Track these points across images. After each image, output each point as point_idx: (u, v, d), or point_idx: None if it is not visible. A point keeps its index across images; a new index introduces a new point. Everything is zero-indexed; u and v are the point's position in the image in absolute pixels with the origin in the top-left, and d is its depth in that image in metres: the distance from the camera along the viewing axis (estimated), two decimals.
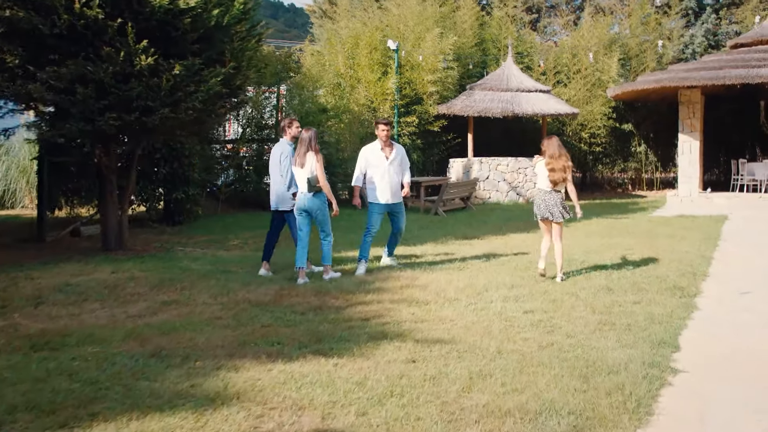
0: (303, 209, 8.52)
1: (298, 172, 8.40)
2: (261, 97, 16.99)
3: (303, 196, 8.44)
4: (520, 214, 16.57)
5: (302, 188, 8.40)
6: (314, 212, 8.54)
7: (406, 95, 19.33)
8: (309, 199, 8.41)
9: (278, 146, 9.02)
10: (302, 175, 8.35)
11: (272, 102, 17.81)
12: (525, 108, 18.83)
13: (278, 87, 17.91)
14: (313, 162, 8.30)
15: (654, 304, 7.25)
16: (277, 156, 8.89)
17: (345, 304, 7.23)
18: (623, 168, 23.65)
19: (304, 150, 8.33)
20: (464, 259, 10.02)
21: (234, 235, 13.12)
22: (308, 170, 8.31)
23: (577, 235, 12.72)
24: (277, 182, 8.93)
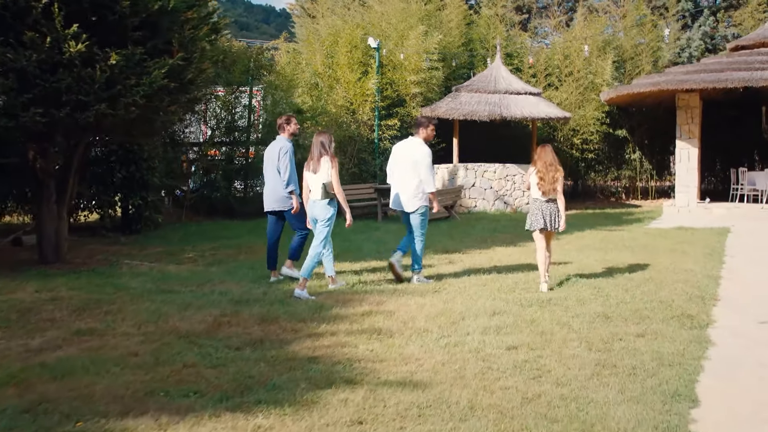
0: (314, 218, 7.98)
1: (311, 177, 7.87)
2: (231, 96, 15.75)
3: (314, 203, 7.89)
4: (507, 224, 15.42)
5: (315, 195, 7.84)
6: (322, 220, 7.91)
7: (388, 97, 18.19)
8: (323, 206, 7.85)
9: (276, 142, 8.56)
10: (316, 181, 7.79)
11: (244, 102, 16.59)
12: (514, 111, 17.70)
13: (250, 86, 16.72)
14: (328, 167, 7.77)
15: (661, 338, 6.08)
16: (276, 151, 8.43)
17: (292, 336, 6.04)
18: (617, 176, 22.55)
19: (318, 154, 7.81)
20: (441, 277, 8.85)
21: (192, 246, 11.91)
22: (323, 176, 7.76)
23: (569, 249, 11.57)
24: (273, 180, 8.48)
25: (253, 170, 16.47)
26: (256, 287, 8.14)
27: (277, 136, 8.77)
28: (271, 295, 7.71)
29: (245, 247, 11.65)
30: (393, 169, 8.67)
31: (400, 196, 8.54)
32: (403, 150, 8.61)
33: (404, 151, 8.57)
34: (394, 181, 8.65)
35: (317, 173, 7.80)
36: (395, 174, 8.62)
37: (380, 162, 18.12)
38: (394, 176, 8.65)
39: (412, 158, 8.42)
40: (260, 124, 17.12)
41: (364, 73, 18.03)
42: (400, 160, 8.55)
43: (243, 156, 16.48)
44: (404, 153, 8.56)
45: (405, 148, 8.62)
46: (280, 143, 8.51)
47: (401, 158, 8.55)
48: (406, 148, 8.59)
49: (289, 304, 7.24)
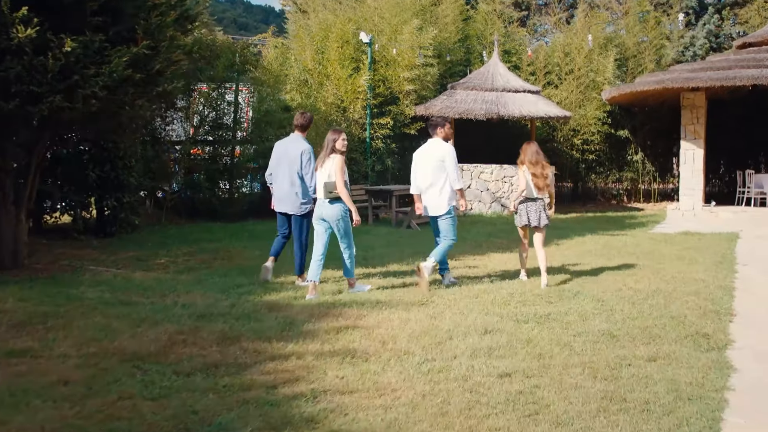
0: (320, 217, 7.69)
1: (318, 175, 7.67)
2: (213, 93, 14.96)
3: (320, 202, 7.67)
4: (503, 228, 14.65)
5: (319, 194, 7.65)
6: (333, 221, 7.64)
7: (380, 94, 17.41)
8: (326, 206, 7.59)
9: (296, 143, 8.17)
10: (320, 179, 7.59)
11: (229, 99, 15.81)
12: (511, 110, 16.94)
13: (236, 83, 15.93)
14: (332, 166, 7.50)
15: (675, 363, 5.33)
16: (297, 153, 8.05)
17: (253, 359, 5.27)
18: (618, 178, 21.77)
19: (328, 152, 7.56)
20: (430, 287, 8.07)
21: (167, 251, 11.12)
22: (326, 174, 7.52)
23: (569, 256, 10.81)
24: (288, 181, 8.12)
25: (239, 170, 15.70)
26: (223, 299, 7.37)
27: (292, 134, 8.35)
28: (239, 308, 6.93)
29: (223, 252, 10.89)
30: (417, 175, 8.38)
31: (428, 200, 8.29)
32: (426, 153, 8.33)
33: (427, 153, 8.29)
34: (420, 186, 8.35)
35: (322, 172, 7.55)
36: (419, 179, 8.34)
37: (371, 162, 17.35)
38: (419, 182, 8.36)
39: (437, 158, 8.15)
40: (250, 122, 16.32)
41: (356, 70, 17.26)
42: (424, 164, 8.26)
43: (228, 155, 15.67)
44: (428, 155, 8.27)
45: (427, 150, 8.34)
46: (301, 145, 8.11)
47: (425, 161, 8.27)
48: (429, 150, 8.31)
49: (257, 319, 6.47)
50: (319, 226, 7.74)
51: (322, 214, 7.66)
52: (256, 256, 10.57)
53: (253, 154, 16.10)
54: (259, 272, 8.54)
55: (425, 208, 8.34)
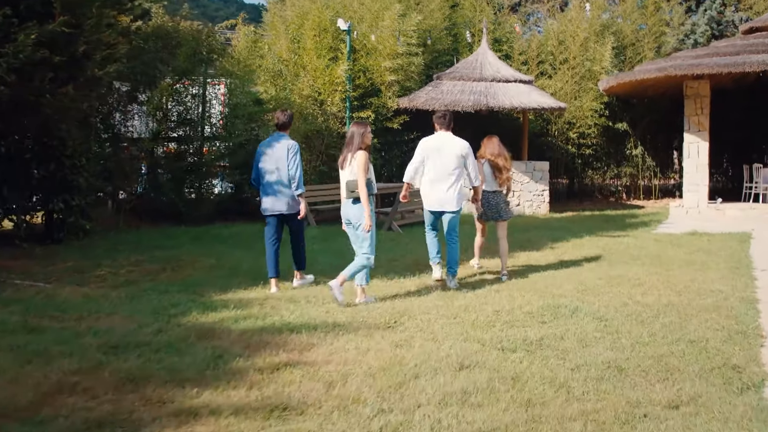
0: (346, 219, 7.16)
1: (341, 174, 7.13)
2: (176, 85, 13.68)
3: (344, 203, 7.13)
4: (492, 229, 13.40)
5: (342, 193, 7.12)
6: (357, 222, 7.03)
7: (360, 85, 16.16)
8: (350, 206, 7.04)
9: (281, 140, 7.85)
10: (342, 178, 7.08)
11: (195, 92, 14.56)
12: (502, 101, 15.71)
13: (204, 75, 14.68)
14: (354, 162, 6.93)
15: (704, 412, 4.12)
16: (284, 149, 7.75)
17: (152, 415, 4.02)
18: (617, 173, 20.53)
19: (355, 148, 6.98)
20: (402, 302, 6.84)
21: (113, 260, 9.85)
22: (349, 172, 6.99)
23: (566, 262, 9.60)
24: (279, 180, 7.80)
25: (206, 169, 14.44)
26: (150, 323, 6.12)
27: (276, 133, 8.03)
28: (164, 335, 5.68)
29: (174, 262, 9.64)
30: (428, 166, 7.89)
31: (436, 194, 7.89)
32: (442, 145, 7.84)
33: (444, 146, 7.84)
34: (429, 180, 7.91)
35: (348, 170, 7.00)
36: (431, 172, 7.87)
37: None
38: (428, 175, 7.90)
39: (456, 153, 7.81)
40: (224, 118, 15.06)
41: (334, 60, 16.01)
42: (440, 156, 7.80)
43: (194, 154, 14.41)
44: (445, 148, 7.83)
45: (444, 142, 7.88)
46: (287, 141, 7.83)
47: (440, 154, 7.80)
48: (446, 142, 7.88)
49: (180, 352, 5.22)
50: (349, 228, 7.17)
51: (347, 215, 7.11)
52: (209, 265, 9.37)
53: (223, 152, 14.87)
54: None
55: (437, 202, 7.93)
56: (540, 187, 16.57)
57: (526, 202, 16.49)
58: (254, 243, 11.40)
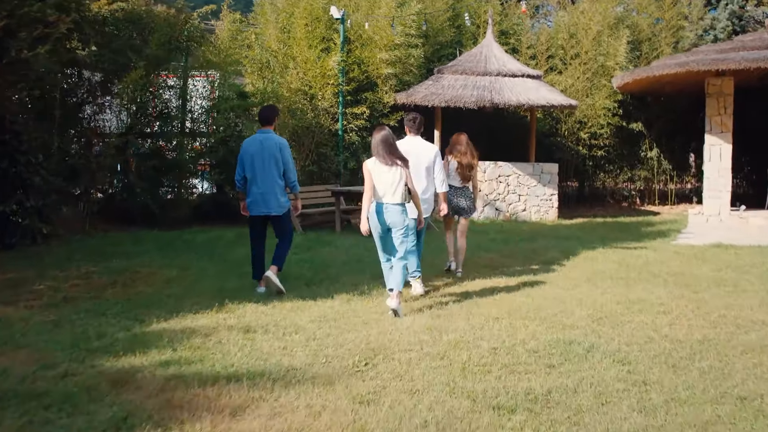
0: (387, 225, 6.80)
1: (380, 176, 6.72)
2: (150, 76, 12.42)
3: (386, 207, 6.73)
4: (497, 238, 12.17)
5: (396, 199, 6.70)
6: (404, 226, 6.76)
7: (355, 79, 14.90)
8: (402, 211, 6.74)
9: (269, 136, 7.53)
10: (385, 181, 6.70)
11: (172, 83, 13.34)
12: (508, 97, 14.43)
13: (185, 66, 13.47)
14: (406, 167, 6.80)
15: None
16: (275, 146, 7.46)
17: None
18: (630, 177, 19.20)
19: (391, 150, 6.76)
20: (380, 333, 5.62)
21: (61, 270, 8.66)
22: (401, 176, 6.71)
23: (576, 280, 8.34)
24: (270, 180, 7.46)
25: (183, 168, 13.22)
26: (59, 362, 4.90)
27: (260, 129, 7.65)
28: (68, 383, 4.47)
29: (129, 275, 8.44)
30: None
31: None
32: (410, 150, 7.45)
33: (417, 151, 7.64)
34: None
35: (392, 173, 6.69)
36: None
37: (344, 158, 14.87)
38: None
39: (429, 158, 7.72)
40: (205, 112, 13.85)
41: (326, 51, 14.77)
42: (416, 163, 7.46)
43: (171, 151, 13.19)
44: (418, 153, 7.63)
45: (416, 147, 7.71)
46: (276, 138, 7.56)
47: (415, 160, 7.44)
48: (418, 147, 7.74)
49: (74, 410, 4.01)
50: (385, 234, 6.87)
51: (390, 220, 6.74)
52: (167, 279, 8.17)
53: (202, 149, 13.66)
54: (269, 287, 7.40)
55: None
56: (548, 191, 15.30)
57: (532, 207, 15.22)
58: (227, 251, 10.21)
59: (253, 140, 7.58)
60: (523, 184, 15.16)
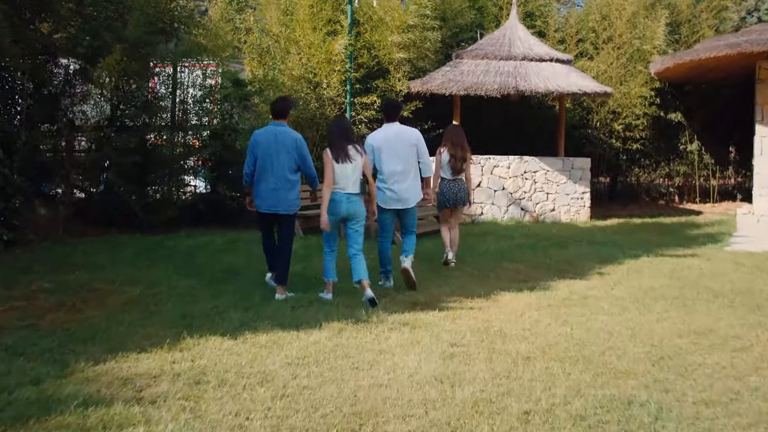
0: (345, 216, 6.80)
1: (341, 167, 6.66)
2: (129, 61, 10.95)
3: (347, 198, 6.74)
4: (524, 243, 10.69)
5: (350, 188, 6.73)
6: (362, 217, 6.92)
7: (364, 65, 13.43)
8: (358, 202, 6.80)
9: (284, 129, 7.11)
10: (345, 173, 6.67)
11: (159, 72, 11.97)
12: (534, 83, 12.92)
13: (174, 53, 12.06)
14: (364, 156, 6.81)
15: None
16: (293, 141, 7.04)
17: None
18: (668, 172, 17.56)
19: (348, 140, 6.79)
20: (354, 398, 4.18)
21: (9, 288, 7.29)
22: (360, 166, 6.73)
23: (623, 299, 6.85)
24: (283, 176, 7.02)
25: (171, 164, 11.84)
26: None
27: (272, 122, 7.22)
28: None
29: (85, 293, 7.09)
30: (388, 162, 7.40)
31: (403, 191, 7.44)
32: (394, 138, 7.45)
33: (398, 139, 7.46)
34: (391, 176, 7.41)
35: (353, 162, 6.73)
36: (391, 168, 7.40)
37: None
38: (390, 171, 7.40)
39: (410, 142, 7.49)
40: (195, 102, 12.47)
41: (332, 34, 13.33)
42: (395, 150, 7.40)
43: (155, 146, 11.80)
44: (399, 140, 7.45)
45: (396, 134, 7.49)
46: (293, 133, 7.16)
47: (396, 147, 7.41)
48: (398, 134, 7.50)
49: None
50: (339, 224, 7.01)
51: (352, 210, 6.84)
52: (127, 300, 6.84)
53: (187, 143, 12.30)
54: None
55: (394, 199, 7.43)
56: (579, 188, 13.76)
57: (562, 207, 13.69)
58: (210, 263, 8.83)
59: (266, 132, 7.14)
60: (551, 181, 13.63)
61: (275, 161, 6.99)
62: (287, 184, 7.04)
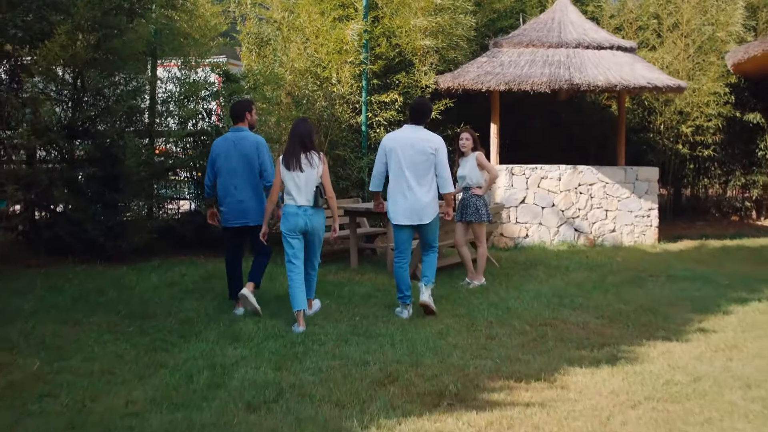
0: (304, 229, 6.10)
1: (293, 175, 6.01)
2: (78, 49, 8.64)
3: (304, 211, 6.07)
4: (583, 280, 8.26)
5: (303, 200, 6.03)
6: (319, 233, 6.28)
7: (383, 55, 11.09)
8: (315, 215, 6.13)
9: (244, 134, 6.66)
10: (299, 181, 6.02)
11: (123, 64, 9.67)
12: (593, 75, 10.47)
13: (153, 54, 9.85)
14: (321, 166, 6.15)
15: None
16: (252, 146, 6.58)
17: None
18: (744, 183, 14.93)
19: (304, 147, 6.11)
20: None
21: None
22: (315, 176, 6.07)
23: (755, 382, 4.42)
24: (247, 185, 6.58)
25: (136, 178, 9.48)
26: None
27: (233, 126, 6.80)
28: None
29: None
30: (397, 169, 6.43)
31: (415, 203, 6.39)
32: (410, 142, 6.42)
33: (413, 144, 6.41)
34: (399, 185, 6.43)
35: (304, 171, 6.02)
36: (400, 176, 6.41)
37: (369, 163, 11.14)
38: (399, 179, 6.43)
39: (428, 150, 6.39)
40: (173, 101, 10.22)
41: (344, 20, 11.06)
42: (409, 156, 6.38)
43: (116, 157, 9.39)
44: (414, 146, 6.40)
45: (412, 139, 6.44)
46: (252, 137, 6.67)
47: (410, 153, 6.39)
48: (415, 139, 6.44)
49: None
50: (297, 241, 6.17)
51: (306, 225, 6.14)
52: (9, 385, 4.54)
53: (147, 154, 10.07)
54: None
55: (413, 213, 6.38)
56: (645, 204, 11.28)
57: (624, 227, 11.21)
58: (170, 309, 6.65)
59: (224, 140, 6.76)
60: (611, 195, 11.17)
61: (237, 171, 6.55)
62: (254, 194, 6.61)
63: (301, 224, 6.07)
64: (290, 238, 6.11)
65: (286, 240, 6.13)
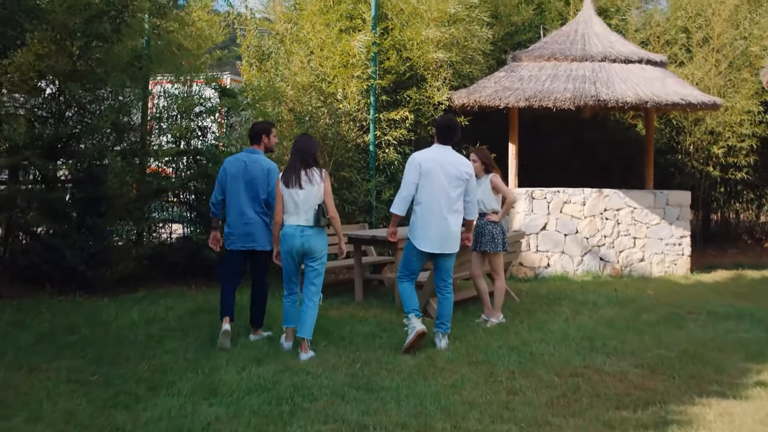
0: (300, 250, 5.76)
1: (293, 193, 5.71)
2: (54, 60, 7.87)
3: (301, 231, 5.74)
4: (613, 318, 7.37)
5: (301, 219, 5.72)
6: (321, 256, 5.84)
7: (392, 70, 10.32)
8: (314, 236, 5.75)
9: (257, 157, 6.36)
10: (299, 199, 5.70)
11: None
12: (621, 91, 9.64)
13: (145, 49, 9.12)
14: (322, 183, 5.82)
15: None
16: (264, 171, 6.30)
17: None
18: None
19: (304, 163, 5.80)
20: None
21: None
22: (315, 194, 5.73)
23: None
24: (253, 208, 6.27)
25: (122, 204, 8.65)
26: None
27: (247, 148, 6.57)
28: None
29: None
30: (432, 192, 5.90)
31: (445, 230, 5.91)
32: (446, 165, 5.94)
33: (449, 168, 5.94)
34: (431, 209, 5.90)
35: (303, 189, 5.70)
36: (434, 201, 5.90)
37: (377, 185, 10.31)
38: (432, 204, 5.90)
39: (464, 175, 5.99)
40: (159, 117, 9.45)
41: (351, 31, 10.31)
42: (446, 180, 5.90)
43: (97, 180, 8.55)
44: (450, 170, 5.93)
45: (448, 162, 5.96)
46: (265, 162, 6.36)
47: (447, 177, 5.91)
48: (450, 162, 5.97)
49: None
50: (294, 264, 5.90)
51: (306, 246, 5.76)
52: None
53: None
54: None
55: (438, 242, 5.90)
56: (677, 231, 10.40)
57: (654, 256, 10.31)
58: (145, 353, 5.78)
59: (236, 160, 6.45)
60: (639, 221, 10.29)
61: (244, 193, 6.27)
62: (260, 218, 6.31)
63: (297, 245, 5.72)
64: (284, 261, 5.83)
65: (281, 263, 5.88)
